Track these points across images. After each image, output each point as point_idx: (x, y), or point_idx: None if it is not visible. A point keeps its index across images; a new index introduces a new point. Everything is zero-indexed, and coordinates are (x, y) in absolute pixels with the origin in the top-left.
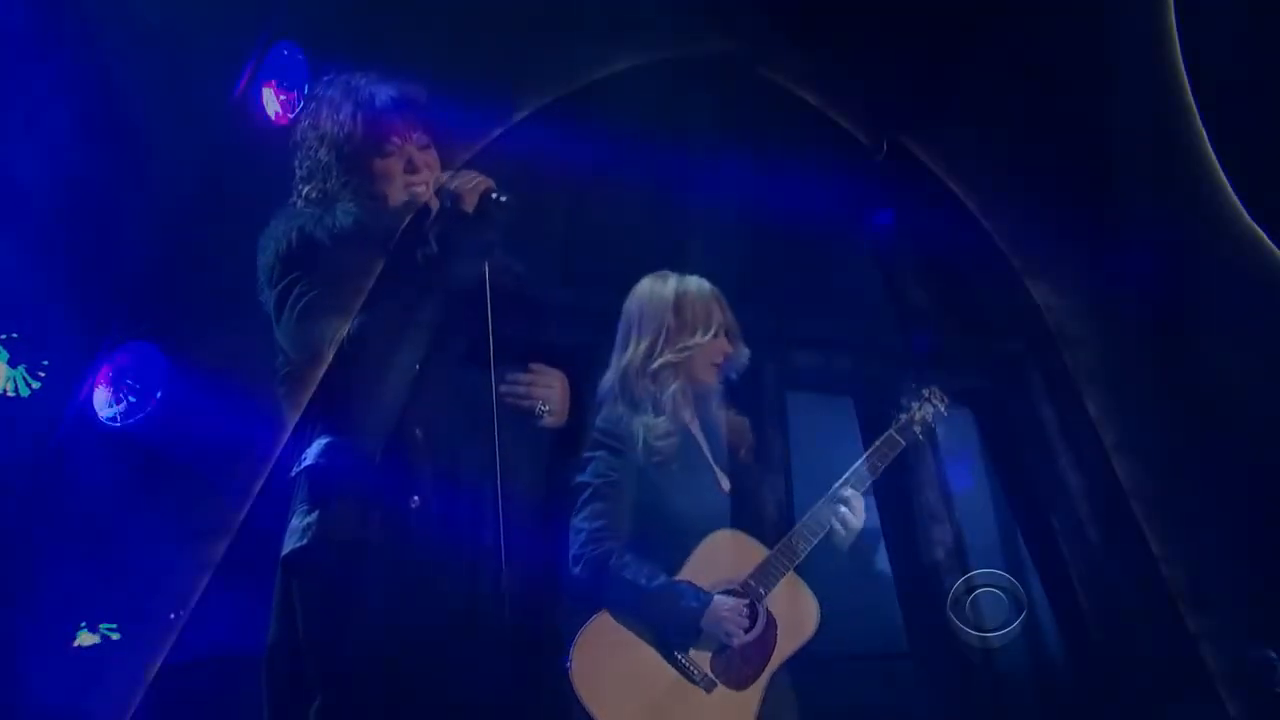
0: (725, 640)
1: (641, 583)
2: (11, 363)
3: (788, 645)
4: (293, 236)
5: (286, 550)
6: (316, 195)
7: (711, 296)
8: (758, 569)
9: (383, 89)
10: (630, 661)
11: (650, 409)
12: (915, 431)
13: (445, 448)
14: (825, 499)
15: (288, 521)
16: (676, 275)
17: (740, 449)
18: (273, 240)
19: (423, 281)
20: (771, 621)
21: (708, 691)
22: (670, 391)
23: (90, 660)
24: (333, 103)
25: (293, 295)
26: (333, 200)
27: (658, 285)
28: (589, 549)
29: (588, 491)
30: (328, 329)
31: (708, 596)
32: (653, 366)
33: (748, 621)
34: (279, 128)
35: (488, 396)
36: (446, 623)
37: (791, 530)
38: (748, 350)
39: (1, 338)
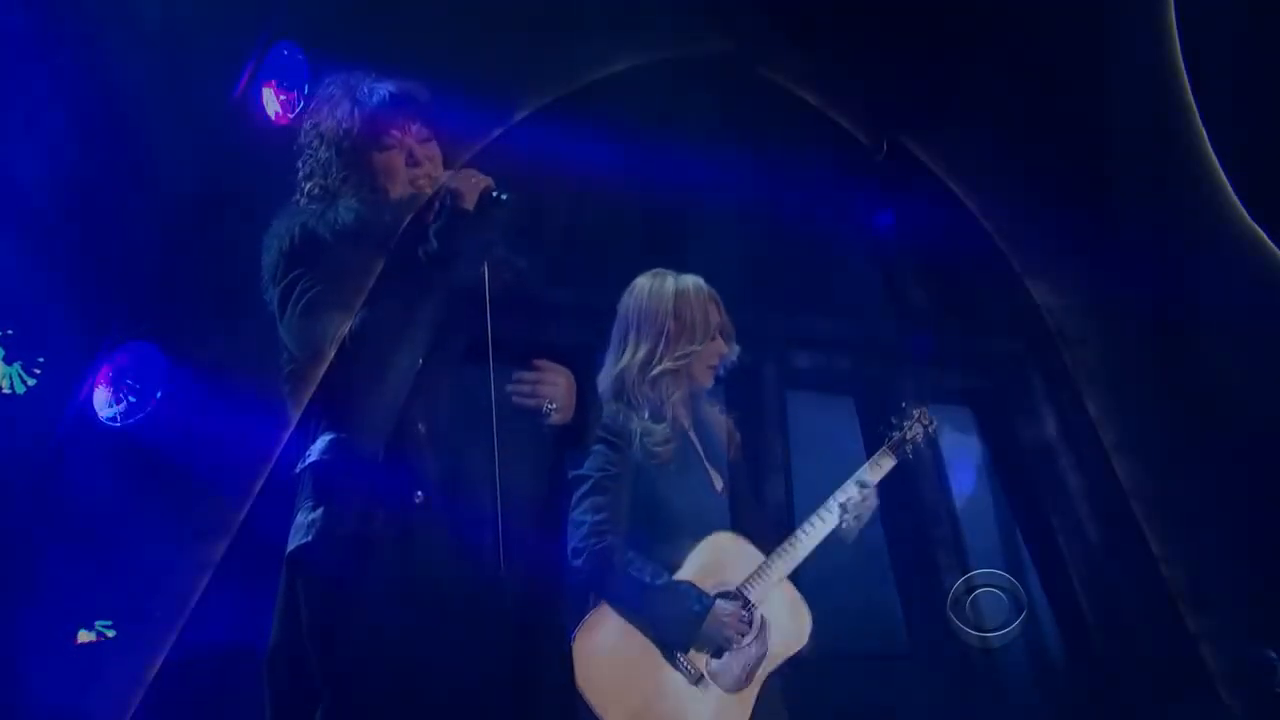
0: (724, 644)
1: (646, 580)
2: (7, 359)
3: (781, 651)
4: (295, 233)
5: (291, 547)
6: (319, 192)
7: (708, 298)
8: (754, 574)
9: (381, 86)
10: (628, 655)
11: (649, 413)
12: (906, 450)
13: (448, 443)
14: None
15: (292, 518)
16: (674, 275)
17: (730, 447)
18: (276, 238)
19: (424, 279)
20: (767, 627)
21: (702, 691)
22: (671, 400)
23: (90, 660)
24: (332, 100)
25: (296, 292)
26: (335, 197)
27: (656, 286)
28: (591, 541)
29: (588, 484)
30: (331, 325)
31: (710, 600)
32: (652, 374)
33: (747, 626)
34: (279, 128)
35: (489, 392)
36: (450, 618)
37: (786, 538)
38: (739, 347)
39: None
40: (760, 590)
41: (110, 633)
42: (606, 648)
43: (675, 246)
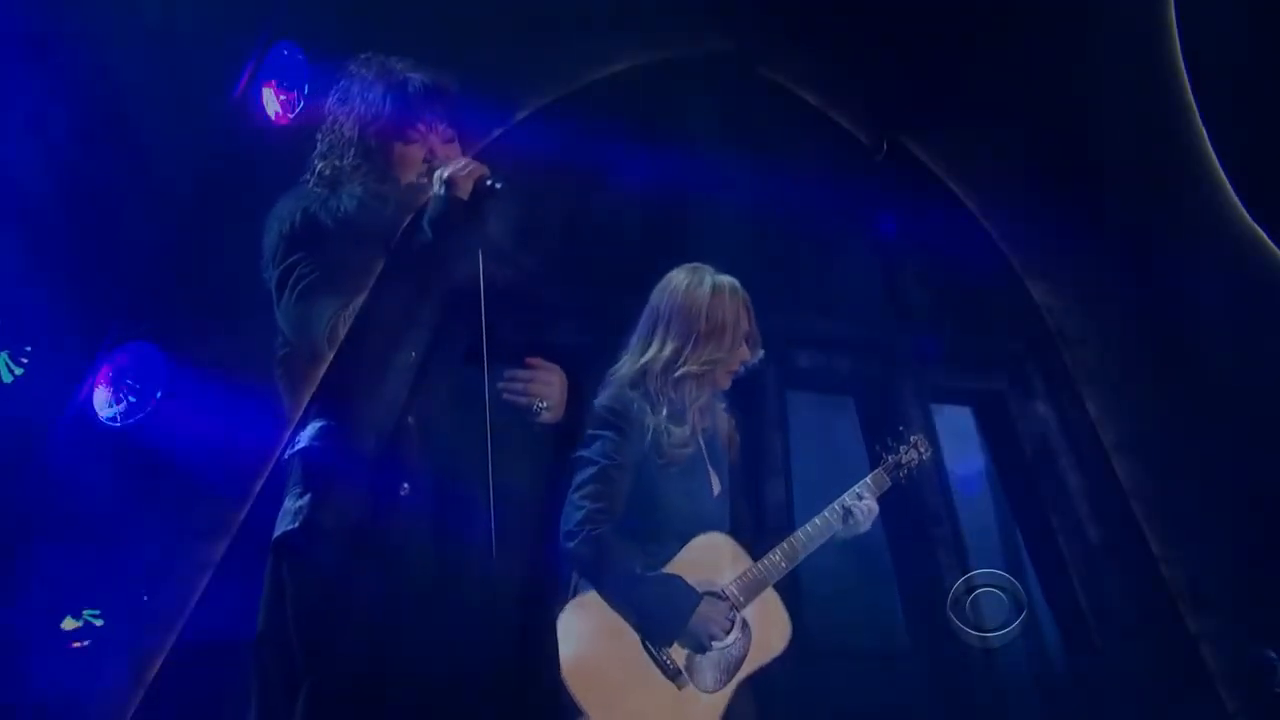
0: (705, 642)
1: (637, 570)
2: None
3: (758, 657)
4: (297, 218)
5: (278, 532)
6: (330, 173)
7: (742, 303)
8: (740, 578)
9: (416, 76)
10: (609, 643)
11: (667, 412)
12: (900, 475)
13: (438, 436)
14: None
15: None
16: (711, 271)
17: (730, 449)
18: (278, 220)
19: (419, 269)
20: (747, 631)
21: (678, 687)
22: (695, 405)
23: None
24: (365, 81)
25: (293, 277)
26: (342, 182)
27: (694, 283)
28: (587, 528)
29: (592, 469)
30: (326, 312)
31: (698, 596)
32: (675, 375)
33: (730, 625)
34: (279, 128)
35: (483, 387)
36: (432, 607)
37: (775, 546)
38: (762, 352)
39: None
40: (746, 594)
41: (98, 621)
42: (588, 633)
43: (675, 246)
